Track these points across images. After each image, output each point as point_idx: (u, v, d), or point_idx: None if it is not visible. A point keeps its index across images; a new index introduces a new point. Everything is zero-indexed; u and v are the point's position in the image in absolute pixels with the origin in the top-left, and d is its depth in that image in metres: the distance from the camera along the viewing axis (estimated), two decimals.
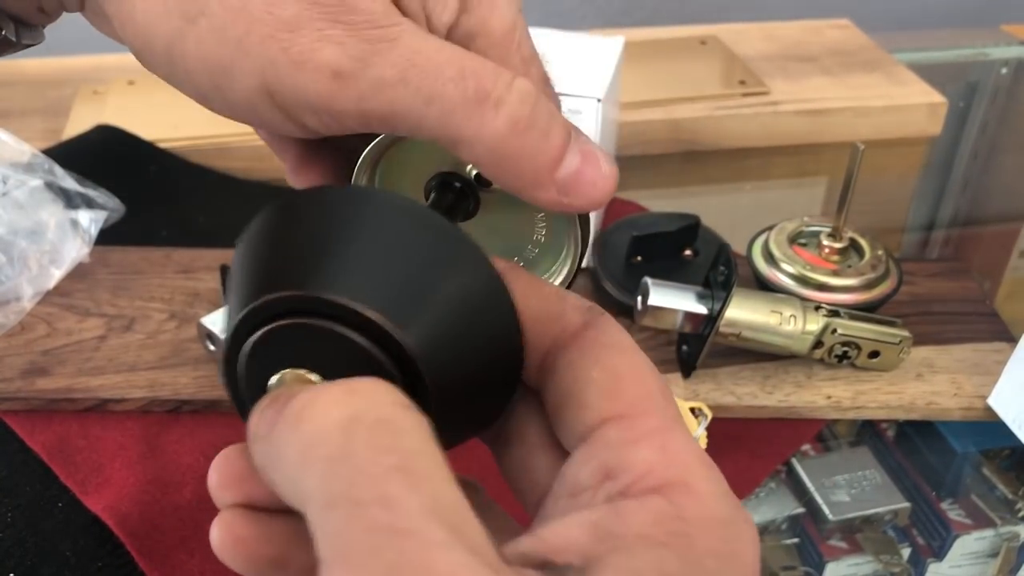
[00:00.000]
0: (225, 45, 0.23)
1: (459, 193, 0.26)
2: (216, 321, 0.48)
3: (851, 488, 0.47)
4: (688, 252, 0.57)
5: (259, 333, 0.20)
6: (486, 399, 0.22)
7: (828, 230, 0.53)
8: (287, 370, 0.20)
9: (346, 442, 0.17)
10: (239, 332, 0.21)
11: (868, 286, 0.51)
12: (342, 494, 0.16)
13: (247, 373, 0.21)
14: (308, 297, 0.20)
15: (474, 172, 0.26)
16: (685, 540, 0.18)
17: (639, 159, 0.73)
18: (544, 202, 0.23)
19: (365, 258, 0.20)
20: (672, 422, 0.21)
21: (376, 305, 0.19)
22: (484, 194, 0.26)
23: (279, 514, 0.21)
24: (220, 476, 0.21)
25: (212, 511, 0.46)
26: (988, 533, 0.46)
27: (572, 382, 0.21)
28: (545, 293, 0.23)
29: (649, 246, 0.56)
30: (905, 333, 0.50)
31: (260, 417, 0.19)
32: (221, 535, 0.21)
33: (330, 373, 0.20)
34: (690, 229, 0.56)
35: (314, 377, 0.20)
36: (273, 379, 0.21)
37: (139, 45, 0.24)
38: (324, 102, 0.22)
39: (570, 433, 0.21)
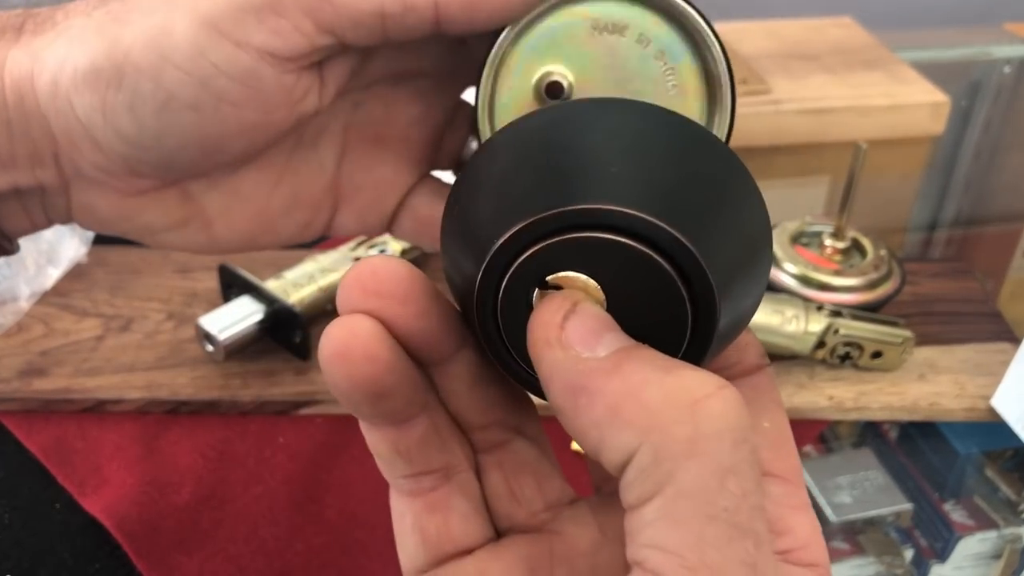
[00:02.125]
0: None
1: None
2: (214, 321, 0.48)
3: (853, 489, 0.47)
4: None
5: (532, 250, 0.18)
6: (743, 317, 0.21)
7: (830, 230, 0.53)
8: (567, 273, 0.18)
9: (737, 453, 0.17)
10: (508, 248, 0.18)
11: (870, 286, 0.51)
12: (722, 506, 0.16)
13: (508, 300, 0.19)
14: (595, 210, 0.18)
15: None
16: None
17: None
18: None
19: (643, 170, 0.18)
20: (809, 501, 0.21)
21: (666, 217, 0.18)
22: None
23: (409, 360, 0.19)
24: (377, 281, 0.19)
25: (210, 511, 0.46)
26: (991, 535, 0.46)
27: None
28: None
29: None
30: (907, 333, 0.49)
31: (561, 318, 0.18)
32: (346, 338, 0.18)
33: (611, 287, 0.18)
34: None
35: (592, 283, 0.18)
36: (551, 278, 0.18)
37: None
38: None
39: None
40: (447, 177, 0.31)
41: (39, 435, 0.46)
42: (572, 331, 0.18)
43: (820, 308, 0.49)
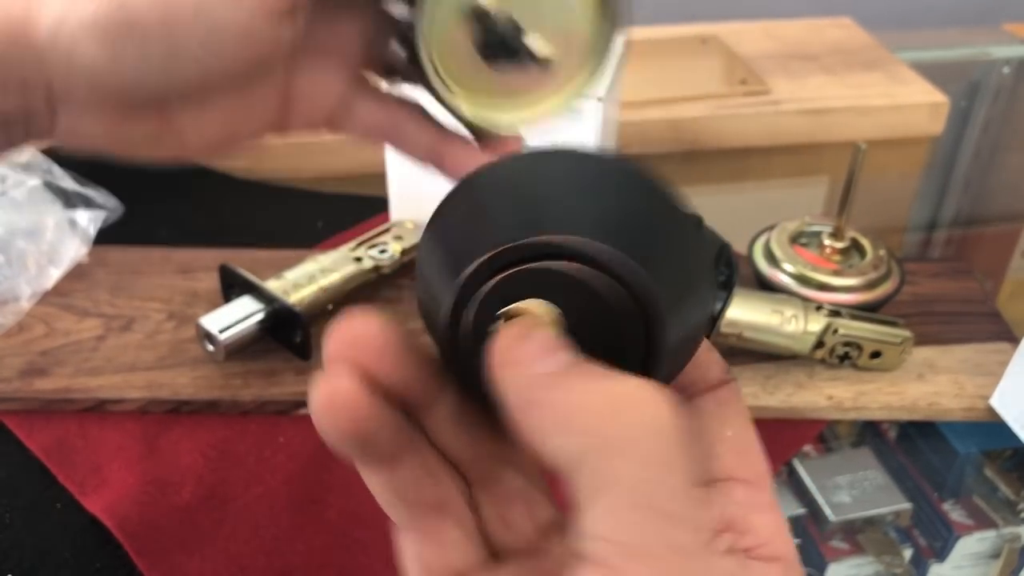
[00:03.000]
0: None
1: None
2: (215, 322, 0.48)
3: (852, 489, 0.47)
4: None
5: (495, 280, 0.20)
6: (693, 334, 0.23)
7: (829, 230, 0.53)
8: (529, 300, 0.20)
9: (665, 449, 0.18)
10: (474, 280, 0.20)
11: (869, 286, 0.51)
12: (655, 496, 0.18)
13: (475, 333, 0.20)
14: (551, 243, 0.20)
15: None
16: None
17: (640, 158, 0.73)
18: None
19: (591, 207, 0.21)
20: (776, 501, 0.23)
21: (613, 244, 0.20)
22: None
23: (390, 405, 0.21)
24: (354, 339, 0.21)
25: (211, 511, 0.46)
26: (990, 534, 0.46)
27: (704, 430, 0.23)
28: None
29: None
30: (907, 333, 0.49)
31: (516, 342, 0.19)
32: (330, 393, 0.20)
33: (568, 311, 0.20)
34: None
35: (549, 309, 0.20)
36: (512, 307, 0.20)
37: None
38: None
39: None
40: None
41: (40, 435, 0.47)
42: (525, 351, 0.19)
43: (819, 308, 0.49)
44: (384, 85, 0.35)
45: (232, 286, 0.51)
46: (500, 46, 0.31)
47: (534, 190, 0.21)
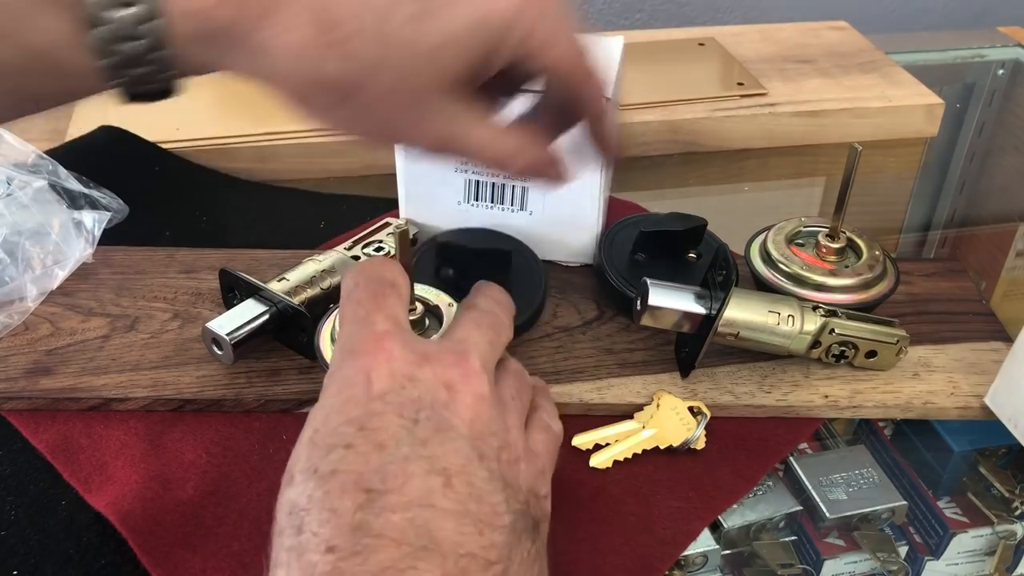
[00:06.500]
0: None
1: None
2: (221, 325, 0.48)
3: (848, 486, 0.47)
4: (692, 255, 0.57)
5: None
6: None
7: (826, 230, 0.54)
8: None
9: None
10: None
11: (865, 286, 0.52)
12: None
13: None
14: None
15: None
16: None
17: (638, 160, 0.74)
18: None
19: None
20: None
21: None
22: None
23: None
24: None
25: (214, 508, 0.46)
26: (985, 531, 0.47)
27: None
28: None
29: (654, 244, 0.56)
30: (902, 333, 0.50)
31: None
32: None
33: None
34: (697, 231, 0.56)
35: None
36: None
37: None
38: None
39: None
40: None
41: (46, 433, 0.47)
42: None
43: (815, 308, 0.49)
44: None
45: (232, 289, 0.52)
46: None
47: None
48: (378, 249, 0.55)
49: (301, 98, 0.35)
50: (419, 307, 0.44)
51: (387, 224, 0.58)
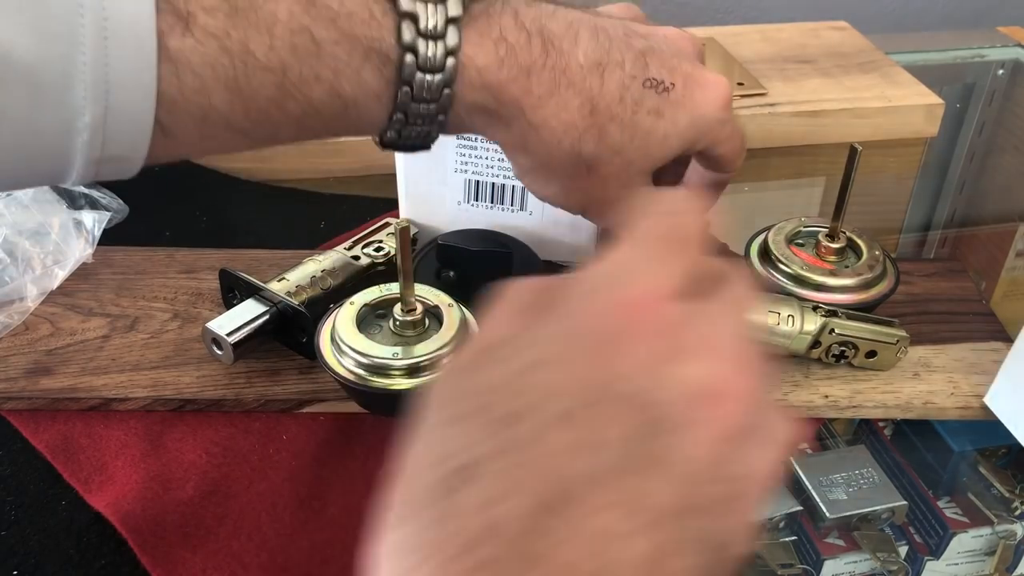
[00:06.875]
0: None
1: None
2: (221, 325, 0.48)
3: (848, 486, 0.47)
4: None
5: None
6: None
7: (826, 230, 0.54)
8: None
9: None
10: None
11: (865, 286, 0.52)
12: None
13: None
14: None
15: None
16: None
17: None
18: None
19: None
20: None
21: None
22: None
23: None
24: None
25: (214, 508, 0.46)
26: (985, 531, 0.47)
27: None
28: None
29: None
30: (902, 333, 0.50)
31: None
32: None
33: None
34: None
35: None
36: None
37: None
38: None
39: None
40: None
41: (46, 433, 0.47)
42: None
43: (816, 308, 0.49)
44: None
45: (232, 289, 0.52)
46: None
47: None
48: (378, 249, 0.55)
49: (552, 168, 0.38)
50: (419, 307, 0.44)
51: (387, 224, 0.58)
